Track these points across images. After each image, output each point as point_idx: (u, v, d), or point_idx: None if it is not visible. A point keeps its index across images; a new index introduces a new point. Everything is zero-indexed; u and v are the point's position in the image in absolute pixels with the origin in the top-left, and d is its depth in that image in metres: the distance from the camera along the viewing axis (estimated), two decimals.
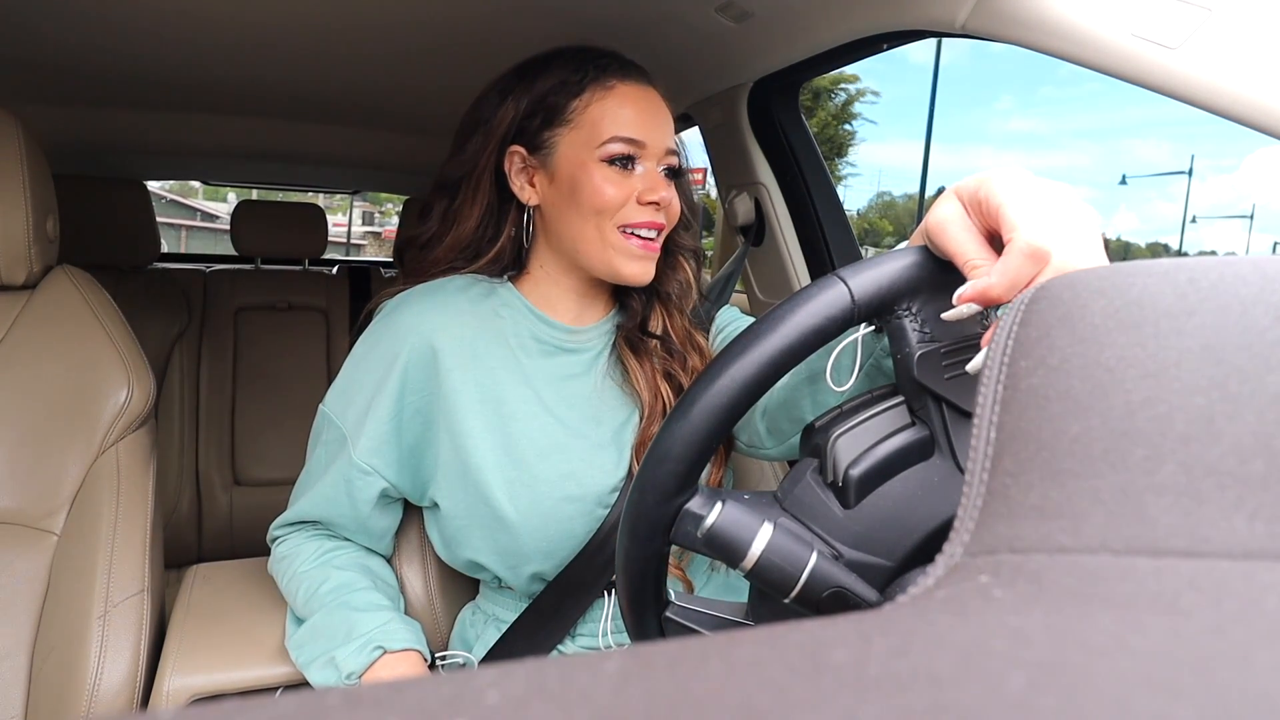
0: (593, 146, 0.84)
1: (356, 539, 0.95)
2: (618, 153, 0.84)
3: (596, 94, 0.85)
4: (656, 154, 0.87)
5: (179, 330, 2.22)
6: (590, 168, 0.84)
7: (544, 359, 0.91)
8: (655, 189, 0.85)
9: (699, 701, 0.14)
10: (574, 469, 0.87)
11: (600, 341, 0.95)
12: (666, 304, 0.96)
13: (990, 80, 47.24)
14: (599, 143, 0.84)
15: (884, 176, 50.68)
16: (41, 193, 1.02)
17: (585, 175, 0.84)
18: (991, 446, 0.26)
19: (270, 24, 1.29)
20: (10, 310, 1.04)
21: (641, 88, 0.87)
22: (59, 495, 0.99)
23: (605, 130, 0.84)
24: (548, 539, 0.86)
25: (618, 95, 0.85)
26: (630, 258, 0.86)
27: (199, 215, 20.53)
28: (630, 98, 0.86)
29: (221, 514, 2.16)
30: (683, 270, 0.97)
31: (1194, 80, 0.67)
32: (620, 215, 0.85)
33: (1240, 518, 0.21)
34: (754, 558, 0.48)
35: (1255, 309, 0.25)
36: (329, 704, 0.14)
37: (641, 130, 0.85)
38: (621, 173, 0.85)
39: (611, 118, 0.85)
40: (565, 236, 0.88)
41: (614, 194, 0.84)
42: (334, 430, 0.91)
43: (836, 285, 0.48)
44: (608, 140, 0.84)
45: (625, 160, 0.85)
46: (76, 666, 0.90)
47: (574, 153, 0.86)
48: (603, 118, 0.85)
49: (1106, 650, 0.16)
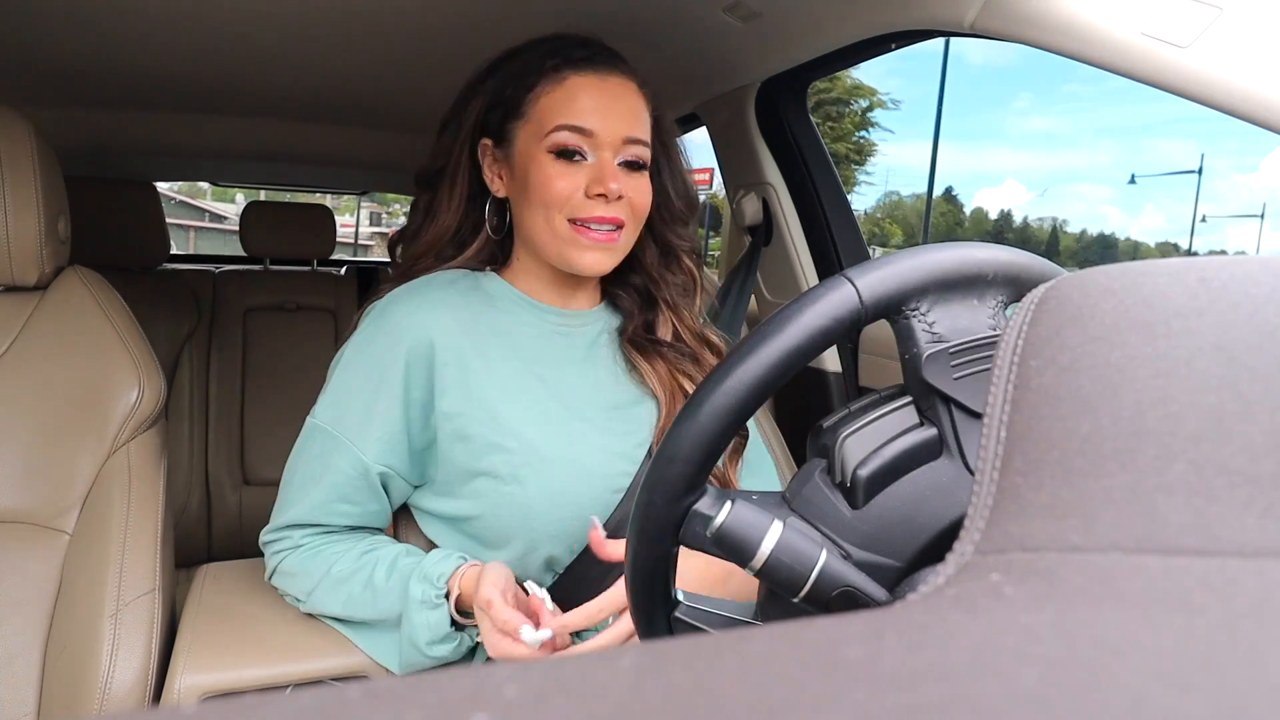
0: (540, 137, 0.84)
1: (362, 524, 0.94)
2: (563, 143, 0.83)
3: (547, 86, 0.85)
4: (611, 144, 0.85)
5: (188, 330, 2.23)
6: (539, 159, 0.84)
7: (542, 342, 0.91)
8: (602, 180, 0.83)
9: (715, 696, 0.14)
10: (579, 451, 0.87)
11: (595, 326, 0.95)
12: (673, 309, 0.96)
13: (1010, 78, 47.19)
14: (545, 133, 0.84)
15: (896, 176, 51.10)
16: (53, 194, 1.03)
17: (535, 167, 0.84)
18: (1002, 445, 0.26)
19: (278, 25, 1.29)
20: (22, 311, 1.04)
21: (599, 78, 0.86)
22: (70, 494, 1.00)
23: (551, 120, 0.84)
24: (558, 520, 0.86)
25: (569, 86, 0.85)
26: (580, 249, 0.85)
27: (207, 216, 20.62)
28: (583, 87, 0.85)
29: (231, 513, 2.17)
30: (682, 271, 0.97)
31: (1204, 79, 0.67)
32: (569, 208, 0.84)
33: (1251, 516, 0.21)
34: (763, 557, 0.48)
35: (1266, 308, 0.25)
36: (348, 697, 0.15)
37: (591, 119, 0.84)
38: (569, 165, 0.84)
39: (559, 109, 0.84)
40: (525, 227, 0.89)
41: (561, 186, 0.83)
42: (329, 441, 0.89)
43: (844, 286, 0.48)
44: (552, 130, 0.83)
45: (573, 152, 0.84)
46: (88, 665, 0.91)
47: (526, 145, 0.86)
48: (551, 108, 0.84)
49: (1118, 647, 0.16)
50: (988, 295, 0.51)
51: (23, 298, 1.05)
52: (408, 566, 0.85)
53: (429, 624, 0.82)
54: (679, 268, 0.97)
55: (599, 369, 0.93)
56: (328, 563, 0.89)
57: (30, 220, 0.99)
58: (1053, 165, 46.29)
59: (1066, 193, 45.55)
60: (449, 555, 0.85)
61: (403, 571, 0.85)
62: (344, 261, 3.07)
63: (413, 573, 0.84)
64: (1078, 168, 45.49)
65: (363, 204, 20.65)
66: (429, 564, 0.84)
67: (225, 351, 2.26)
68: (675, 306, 0.96)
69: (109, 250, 2.21)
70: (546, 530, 0.87)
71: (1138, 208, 52.95)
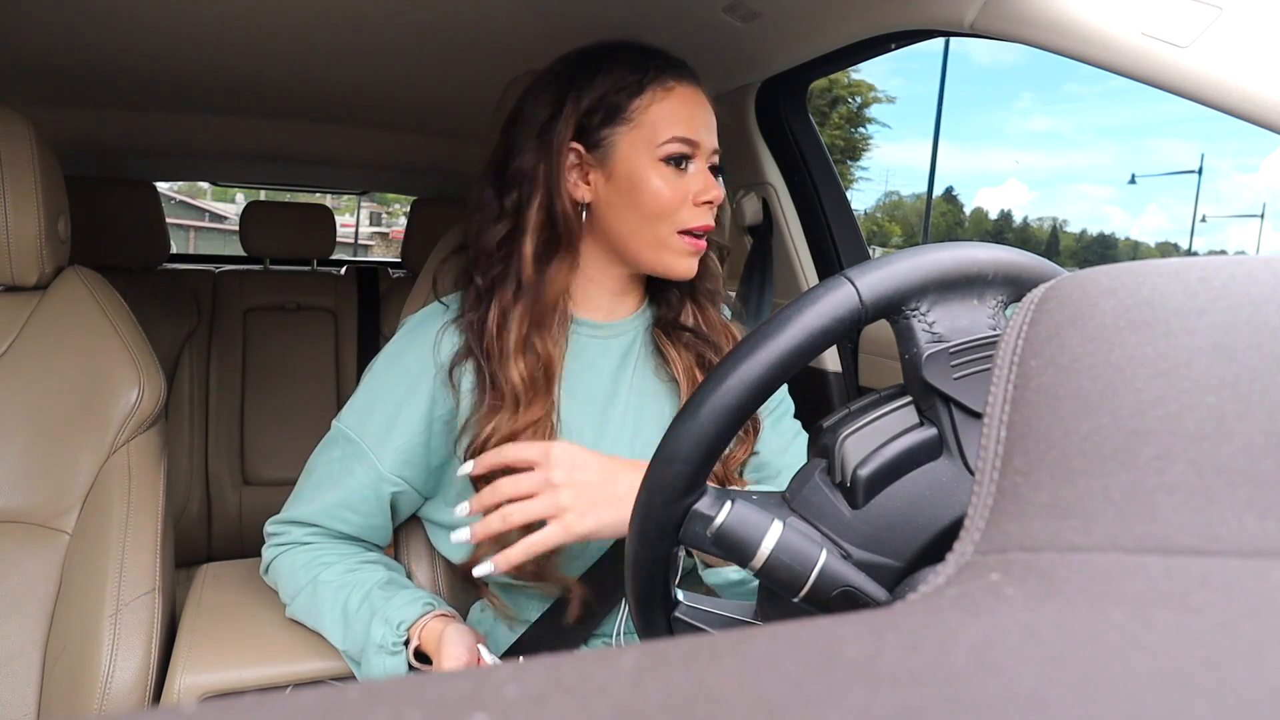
0: (653, 146, 0.85)
1: (363, 537, 0.95)
2: (675, 152, 0.85)
3: (658, 94, 0.86)
4: (706, 154, 0.88)
5: (188, 331, 2.23)
6: (649, 167, 0.85)
7: (575, 357, 0.91)
8: (708, 189, 0.86)
9: (715, 695, 0.14)
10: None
11: (631, 333, 0.96)
12: (697, 298, 0.97)
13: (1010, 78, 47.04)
14: (659, 142, 0.85)
15: (897, 176, 50.68)
16: (53, 194, 1.03)
17: (643, 174, 0.85)
18: (1002, 445, 0.26)
19: (278, 25, 1.29)
20: (22, 310, 1.04)
21: (694, 89, 0.89)
22: (70, 494, 1.00)
23: (665, 131, 0.85)
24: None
25: (677, 96, 0.86)
26: (682, 255, 0.88)
27: (207, 216, 20.61)
28: (687, 99, 0.87)
29: (231, 513, 2.17)
30: (713, 264, 0.98)
31: (1204, 79, 0.67)
32: (678, 219, 0.86)
33: (1251, 516, 0.21)
34: (763, 557, 0.48)
35: (1266, 308, 0.25)
36: (348, 698, 0.15)
37: (696, 130, 0.86)
38: (677, 172, 0.86)
39: (671, 118, 0.86)
40: (618, 234, 0.88)
41: (670, 194, 0.85)
42: (351, 446, 0.91)
43: (844, 286, 0.48)
44: (667, 140, 0.85)
45: (680, 160, 0.86)
46: (88, 664, 0.91)
47: (633, 152, 0.86)
48: (662, 118, 0.85)
49: (1118, 647, 0.16)
50: (988, 295, 0.51)
51: (23, 297, 1.05)
52: (378, 600, 0.85)
53: (384, 668, 0.83)
54: (710, 263, 0.98)
55: (630, 378, 0.94)
56: (314, 571, 0.90)
57: (30, 220, 0.99)
58: (1055, 164, 46.35)
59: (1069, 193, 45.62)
60: (415, 599, 0.86)
61: (372, 605, 0.85)
62: (344, 261, 3.07)
63: (376, 613, 0.84)
64: (1079, 168, 45.47)
65: (363, 204, 20.65)
66: (393, 607, 0.84)
67: (225, 351, 2.26)
68: (700, 297, 0.97)
69: (109, 250, 2.21)
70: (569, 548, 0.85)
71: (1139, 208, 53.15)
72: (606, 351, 0.94)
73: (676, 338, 0.94)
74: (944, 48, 20.39)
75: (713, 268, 0.98)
